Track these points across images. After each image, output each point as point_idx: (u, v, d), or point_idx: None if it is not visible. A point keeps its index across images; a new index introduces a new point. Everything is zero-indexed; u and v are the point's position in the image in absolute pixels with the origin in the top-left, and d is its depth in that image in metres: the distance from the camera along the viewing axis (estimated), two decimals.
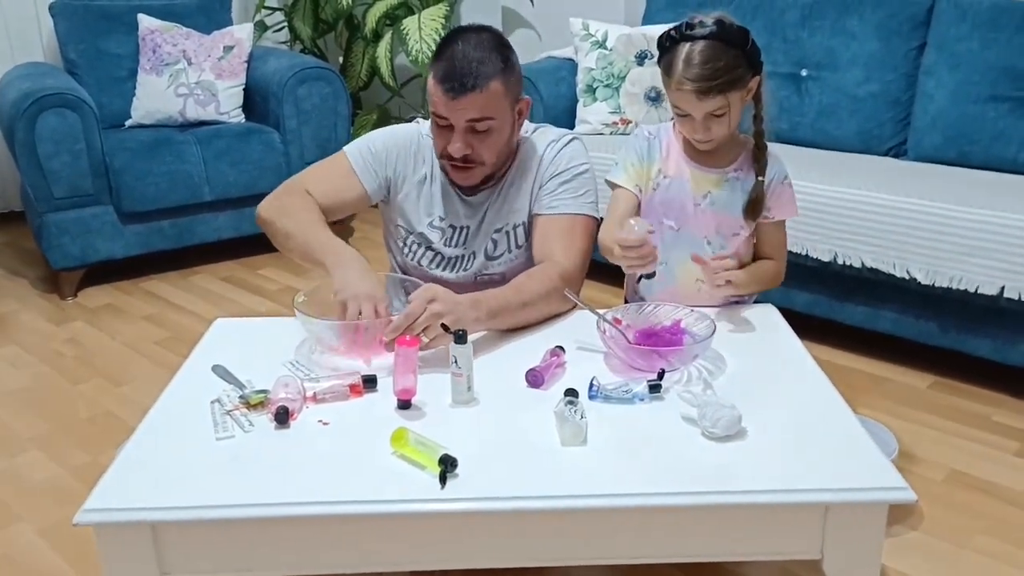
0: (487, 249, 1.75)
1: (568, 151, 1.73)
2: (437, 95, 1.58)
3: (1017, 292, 2.12)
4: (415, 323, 1.41)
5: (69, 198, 2.99)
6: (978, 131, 2.57)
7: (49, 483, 2.02)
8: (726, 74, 1.49)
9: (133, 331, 2.83)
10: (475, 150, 1.62)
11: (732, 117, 1.55)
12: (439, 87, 1.57)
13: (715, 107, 1.51)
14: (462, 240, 1.76)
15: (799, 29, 2.94)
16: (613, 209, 1.69)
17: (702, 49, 1.49)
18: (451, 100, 1.56)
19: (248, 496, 1.12)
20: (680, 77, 1.50)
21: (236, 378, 1.41)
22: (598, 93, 3.09)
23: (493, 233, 1.75)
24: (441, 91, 1.57)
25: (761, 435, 1.23)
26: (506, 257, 1.76)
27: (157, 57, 3.38)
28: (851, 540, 1.14)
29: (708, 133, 1.56)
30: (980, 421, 2.20)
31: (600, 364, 1.44)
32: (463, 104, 1.56)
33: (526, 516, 1.13)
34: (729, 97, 1.51)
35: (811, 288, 2.53)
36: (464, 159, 1.62)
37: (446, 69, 1.57)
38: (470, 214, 1.75)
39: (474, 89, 1.55)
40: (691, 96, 1.50)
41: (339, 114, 3.46)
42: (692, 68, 1.49)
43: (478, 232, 1.75)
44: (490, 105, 1.58)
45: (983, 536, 1.77)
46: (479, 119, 1.58)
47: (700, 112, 1.52)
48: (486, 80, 1.56)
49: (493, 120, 1.60)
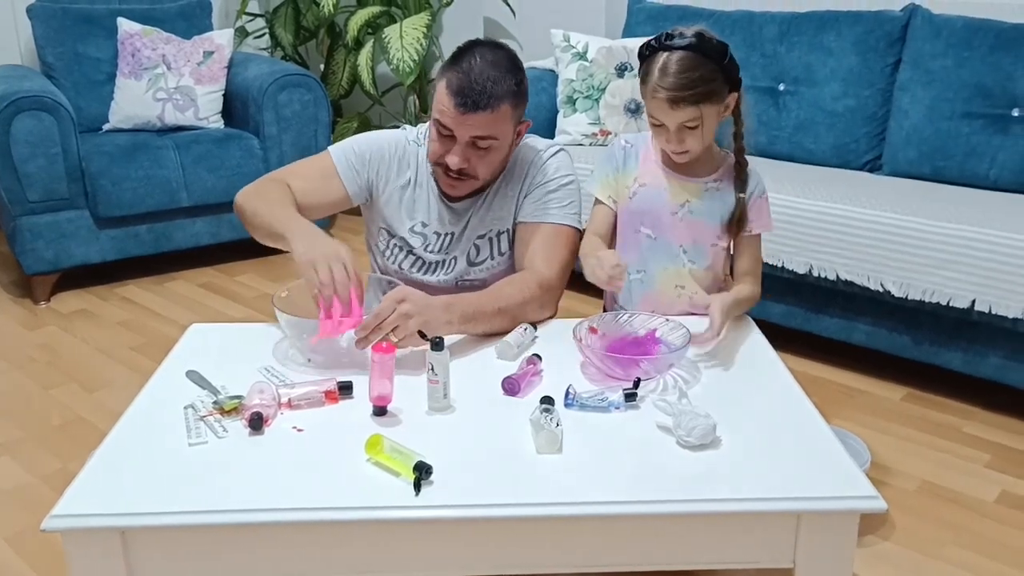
0: (469, 255, 1.75)
1: (554, 162, 1.74)
2: (446, 105, 1.57)
3: (988, 305, 2.15)
4: (384, 323, 1.40)
5: (44, 202, 2.96)
6: (952, 147, 2.61)
7: (19, 490, 1.99)
8: (701, 85, 1.50)
9: (107, 337, 2.81)
10: (471, 164, 1.62)
11: (706, 131, 1.56)
12: (451, 98, 1.56)
13: (688, 118, 1.53)
14: (445, 246, 1.76)
15: (777, 44, 2.98)
16: (590, 223, 1.73)
17: (679, 59, 1.50)
18: (460, 114, 1.56)
19: (220, 502, 1.11)
20: (655, 85, 1.52)
21: (210, 384, 1.40)
22: (578, 104, 3.11)
23: (476, 239, 1.75)
24: (452, 103, 1.56)
25: (735, 444, 1.24)
26: (488, 263, 1.76)
27: (136, 61, 3.36)
28: (823, 549, 1.15)
29: (681, 145, 1.57)
30: (952, 433, 2.22)
31: (577, 372, 1.45)
32: (471, 121, 1.56)
33: (500, 524, 1.13)
34: (702, 109, 1.52)
35: (787, 300, 2.55)
36: (459, 172, 1.62)
37: (460, 82, 1.56)
38: (454, 220, 1.75)
39: (485, 108, 1.55)
40: (664, 105, 1.52)
41: (319, 121, 3.46)
42: (667, 77, 1.50)
43: (461, 238, 1.75)
44: (496, 126, 1.59)
45: (954, 547, 1.78)
46: (483, 137, 1.59)
47: (673, 122, 1.54)
48: (498, 101, 1.56)
49: (496, 140, 1.61)
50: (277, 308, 1.45)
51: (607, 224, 1.70)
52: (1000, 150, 2.53)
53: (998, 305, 2.14)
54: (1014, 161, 2.50)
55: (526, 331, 1.54)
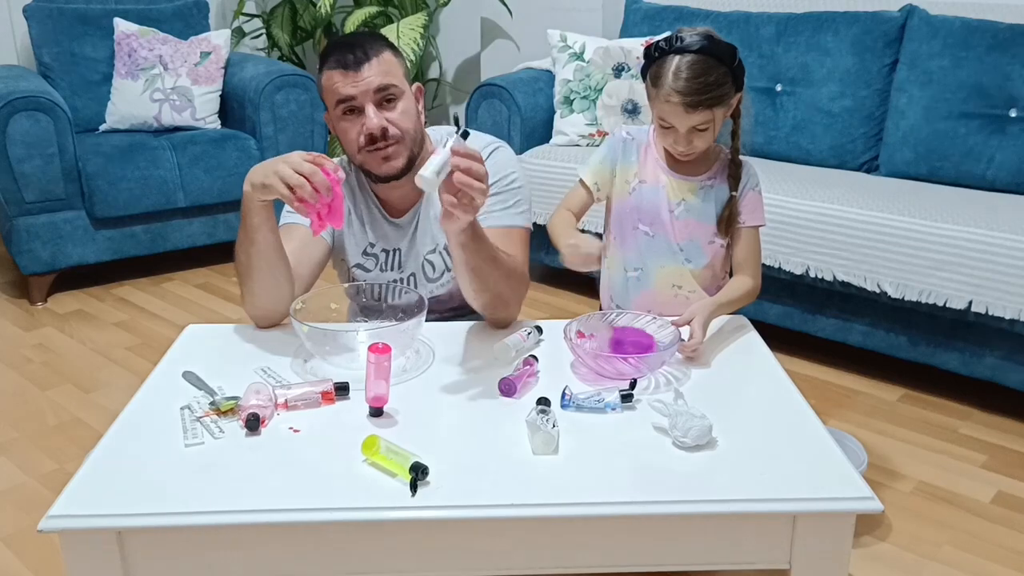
0: (426, 272, 1.71)
1: (492, 162, 1.61)
2: (337, 78, 1.54)
3: (984, 306, 2.15)
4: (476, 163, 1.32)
5: (40, 202, 2.96)
6: (948, 148, 2.61)
7: (15, 490, 1.99)
8: (715, 89, 1.50)
9: (103, 337, 2.80)
10: (391, 122, 1.57)
11: (714, 131, 1.57)
12: (336, 71, 1.54)
13: (700, 121, 1.53)
14: (396, 263, 1.72)
15: (774, 45, 2.98)
16: (566, 198, 1.74)
17: (691, 63, 1.50)
18: (354, 74, 1.53)
19: (217, 503, 1.11)
20: (669, 89, 1.51)
21: (207, 384, 1.40)
22: (575, 104, 3.11)
23: (427, 255, 1.70)
24: (339, 72, 1.54)
25: (731, 445, 1.24)
26: (446, 277, 1.71)
27: (133, 62, 3.36)
28: (819, 550, 1.15)
29: (690, 146, 1.57)
30: (948, 434, 2.23)
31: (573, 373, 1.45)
32: (365, 74, 1.53)
33: (496, 524, 1.13)
34: (715, 112, 1.53)
35: (783, 301, 2.55)
36: (384, 135, 1.56)
37: (336, 55, 1.54)
38: (399, 235, 1.71)
39: (370, 59, 1.54)
40: (679, 109, 1.51)
41: (316, 121, 3.46)
42: (681, 81, 1.50)
43: (410, 253, 1.71)
44: (390, 72, 1.56)
45: (950, 547, 1.79)
46: (384, 87, 1.55)
47: (685, 125, 1.54)
48: (378, 50, 1.55)
49: (397, 86, 1.57)
50: (296, 320, 1.43)
51: (580, 206, 1.72)
52: (997, 151, 2.53)
53: (995, 306, 2.14)
54: (1011, 162, 2.51)
55: (529, 335, 1.53)
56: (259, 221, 1.49)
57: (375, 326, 1.54)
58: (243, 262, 1.54)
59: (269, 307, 1.57)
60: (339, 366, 1.43)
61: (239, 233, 1.53)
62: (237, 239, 1.54)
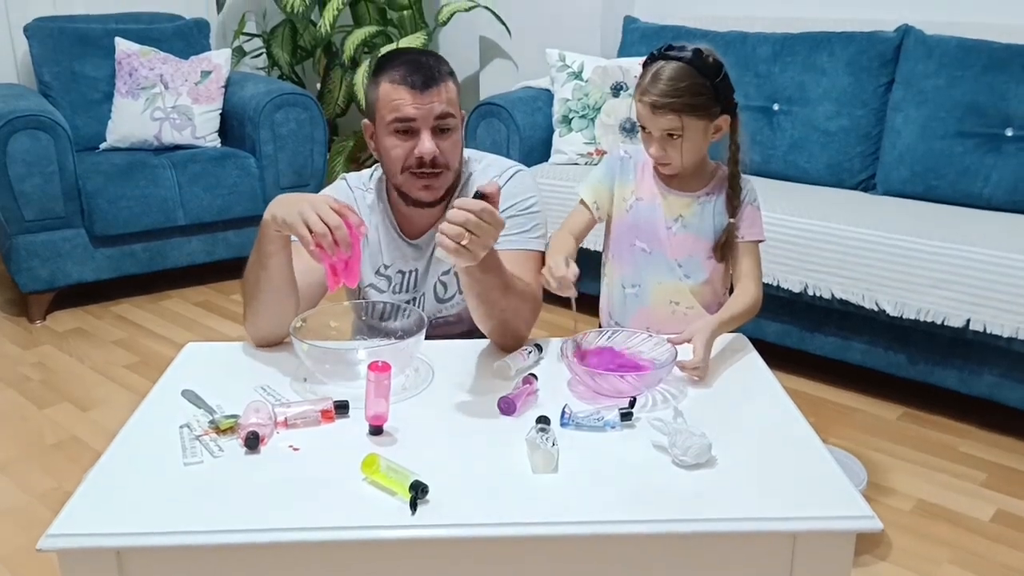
0: (437, 292, 1.71)
1: (511, 185, 1.65)
2: (399, 95, 1.52)
3: (982, 324, 2.16)
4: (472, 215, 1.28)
5: (40, 220, 2.96)
6: (945, 166, 2.63)
7: (13, 510, 1.98)
8: (686, 95, 1.53)
9: (102, 355, 2.80)
10: (442, 152, 1.56)
11: (688, 145, 1.57)
12: (401, 86, 1.52)
13: (669, 126, 1.55)
14: (411, 284, 1.72)
15: (771, 64, 3.00)
16: (566, 220, 1.72)
17: (672, 68, 1.55)
18: (420, 94, 1.51)
19: (216, 522, 1.11)
20: (644, 88, 1.57)
21: (206, 403, 1.40)
22: (574, 124, 3.12)
23: (441, 275, 1.70)
24: (405, 89, 1.51)
25: (731, 463, 1.24)
26: (458, 299, 1.71)
27: (134, 81, 3.38)
28: (819, 569, 1.15)
29: (664, 155, 1.59)
30: (948, 452, 2.22)
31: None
32: (431, 97, 1.52)
33: (497, 543, 1.13)
34: (684, 120, 1.54)
35: (782, 319, 2.56)
36: (432, 163, 1.55)
37: (404, 70, 1.52)
38: (417, 256, 1.70)
39: (438, 84, 1.53)
40: (648, 110, 1.56)
41: (315, 140, 3.47)
42: (654, 83, 1.55)
43: (426, 274, 1.71)
44: (452, 101, 1.56)
45: (950, 565, 1.78)
46: (445, 116, 1.54)
47: (655, 128, 1.57)
48: (445, 77, 1.55)
49: (454, 119, 1.57)
50: (296, 338, 1.43)
51: (582, 226, 1.71)
52: (993, 169, 2.54)
53: (992, 324, 2.14)
54: (1007, 180, 2.52)
55: (529, 354, 1.53)
56: (274, 249, 1.47)
57: (374, 344, 1.54)
58: (251, 282, 1.53)
59: (269, 330, 1.57)
60: (339, 384, 1.43)
61: (252, 253, 1.52)
62: (249, 258, 1.53)
